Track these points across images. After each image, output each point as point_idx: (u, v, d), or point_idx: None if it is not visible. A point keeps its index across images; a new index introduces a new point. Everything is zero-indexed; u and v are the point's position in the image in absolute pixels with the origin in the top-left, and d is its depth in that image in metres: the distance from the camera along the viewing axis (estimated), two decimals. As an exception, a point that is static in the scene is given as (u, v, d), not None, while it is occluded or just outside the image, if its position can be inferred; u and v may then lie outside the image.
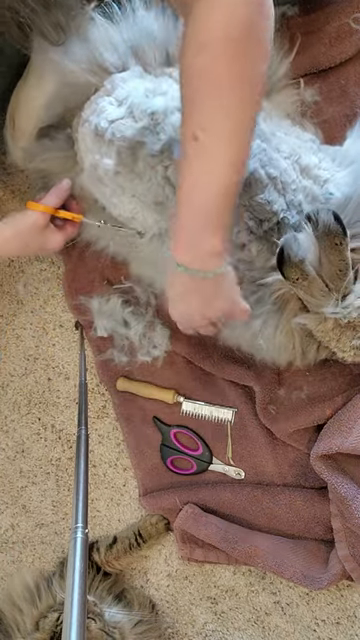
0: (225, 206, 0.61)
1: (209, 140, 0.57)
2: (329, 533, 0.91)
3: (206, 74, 0.55)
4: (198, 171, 0.59)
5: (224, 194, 0.59)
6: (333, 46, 0.85)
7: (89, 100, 0.76)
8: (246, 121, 0.57)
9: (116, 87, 0.73)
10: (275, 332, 0.76)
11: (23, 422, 1.04)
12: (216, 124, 0.56)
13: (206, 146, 0.57)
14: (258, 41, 0.54)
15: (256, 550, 0.89)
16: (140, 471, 0.99)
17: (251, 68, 0.55)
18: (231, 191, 0.60)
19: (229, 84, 0.55)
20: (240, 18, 0.52)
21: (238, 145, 0.58)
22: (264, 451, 0.94)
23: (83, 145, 0.76)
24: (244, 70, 0.55)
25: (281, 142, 0.73)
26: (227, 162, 0.58)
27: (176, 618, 0.99)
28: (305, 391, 0.91)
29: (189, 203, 0.60)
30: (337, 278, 0.69)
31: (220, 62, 0.54)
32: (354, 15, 0.84)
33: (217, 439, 0.97)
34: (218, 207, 0.60)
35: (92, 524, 1.02)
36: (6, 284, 1.03)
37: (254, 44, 0.54)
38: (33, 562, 1.04)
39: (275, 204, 0.71)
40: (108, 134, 0.71)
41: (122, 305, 0.93)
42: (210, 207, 0.60)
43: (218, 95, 0.55)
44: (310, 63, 0.86)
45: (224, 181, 0.59)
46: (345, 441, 0.84)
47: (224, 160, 0.58)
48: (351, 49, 0.85)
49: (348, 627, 0.94)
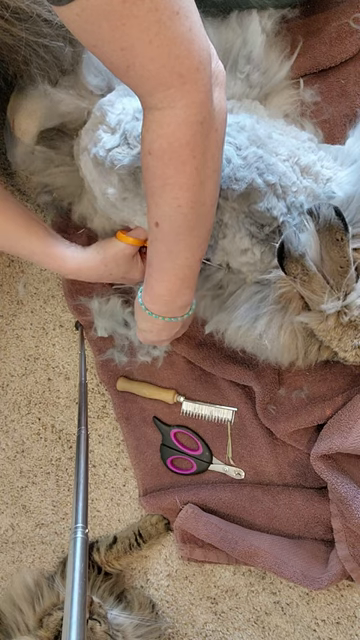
0: (191, 274, 0.68)
1: (167, 230, 0.63)
2: (329, 533, 0.91)
3: (156, 175, 0.59)
4: (163, 252, 0.65)
5: (188, 266, 0.67)
6: (333, 46, 0.85)
7: (84, 127, 0.76)
8: (200, 215, 0.62)
9: (106, 113, 0.73)
10: (279, 332, 0.76)
11: (23, 422, 1.04)
12: (170, 218, 0.61)
13: (164, 234, 0.63)
14: (205, 154, 0.58)
15: (256, 550, 0.89)
16: (140, 471, 0.99)
17: (198, 176, 0.59)
18: (195, 262, 0.67)
19: (178, 187, 0.59)
20: (186, 134, 0.56)
21: (194, 235, 0.64)
22: (264, 451, 0.94)
23: (88, 174, 0.76)
24: (191, 177, 0.58)
25: (278, 145, 0.73)
26: (186, 246, 0.64)
27: (176, 618, 0.99)
28: (305, 391, 0.92)
29: (160, 277, 0.68)
30: (338, 275, 0.68)
31: (167, 168, 0.58)
32: (354, 15, 0.84)
33: (217, 439, 0.97)
34: (185, 277, 0.68)
35: (92, 524, 1.02)
36: (6, 284, 1.03)
37: (199, 157, 0.58)
38: (33, 562, 1.04)
39: (275, 210, 0.71)
40: (107, 163, 0.72)
41: (122, 305, 0.93)
42: (178, 277, 0.67)
43: (169, 196, 0.60)
44: (310, 63, 0.86)
45: (186, 260, 0.66)
46: (345, 441, 0.84)
47: (183, 245, 0.64)
48: (351, 49, 0.85)
49: (348, 627, 0.94)
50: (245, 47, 0.75)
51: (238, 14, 0.76)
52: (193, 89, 0.54)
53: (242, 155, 0.69)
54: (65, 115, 0.77)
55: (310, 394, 0.91)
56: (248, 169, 0.69)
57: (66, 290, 0.98)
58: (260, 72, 0.76)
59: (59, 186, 0.86)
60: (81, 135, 0.77)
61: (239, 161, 0.69)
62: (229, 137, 0.70)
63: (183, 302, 0.71)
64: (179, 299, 0.71)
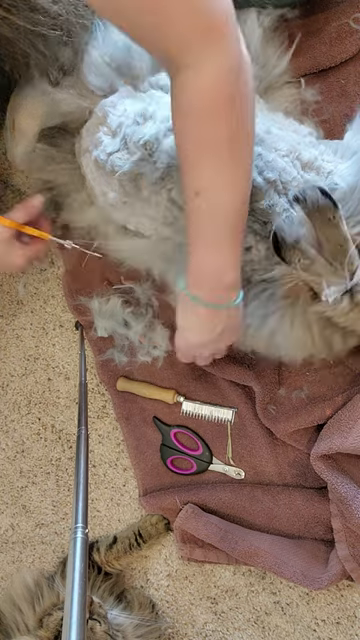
0: (236, 243, 0.64)
1: (208, 196, 0.61)
2: (329, 533, 0.91)
3: (195, 137, 0.58)
4: (205, 222, 0.63)
5: (232, 235, 0.63)
6: (333, 46, 0.85)
7: (85, 127, 0.76)
8: (240, 174, 0.61)
9: (107, 114, 0.73)
10: (291, 327, 0.74)
11: (23, 422, 1.04)
12: (211, 183, 0.60)
13: (207, 201, 0.61)
14: (241, 105, 0.57)
15: (256, 550, 0.89)
16: (140, 471, 0.99)
17: (237, 129, 0.58)
18: (239, 229, 0.64)
19: (218, 145, 0.58)
20: (223, 86, 0.55)
21: (237, 194, 0.62)
22: (264, 451, 0.94)
23: (89, 174, 0.76)
24: (231, 131, 0.58)
25: (278, 139, 0.72)
26: (229, 210, 0.62)
27: (176, 618, 0.99)
28: (305, 391, 0.92)
29: (202, 248, 0.64)
30: (339, 253, 0.66)
31: (207, 126, 0.57)
32: (354, 15, 0.84)
33: (217, 439, 0.97)
34: (230, 246, 0.64)
35: (92, 524, 1.02)
36: (6, 284, 1.03)
37: (238, 108, 0.57)
38: (33, 562, 1.04)
39: (277, 206, 0.70)
40: (108, 167, 0.72)
41: (122, 305, 0.93)
42: (223, 248, 0.64)
43: (209, 156, 0.59)
44: (310, 63, 0.86)
45: (230, 224, 0.63)
46: (345, 441, 0.84)
47: (226, 209, 0.62)
48: (351, 49, 0.85)
49: (348, 627, 0.94)
50: None
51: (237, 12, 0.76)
52: (225, 40, 0.54)
53: None
54: (66, 114, 0.77)
55: (310, 394, 0.91)
56: None
57: (66, 290, 0.98)
58: (259, 66, 0.76)
59: (60, 183, 0.85)
60: (82, 135, 0.77)
61: None
62: None
63: (231, 279, 0.67)
64: (226, 275, 0.66)
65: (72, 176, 0.82)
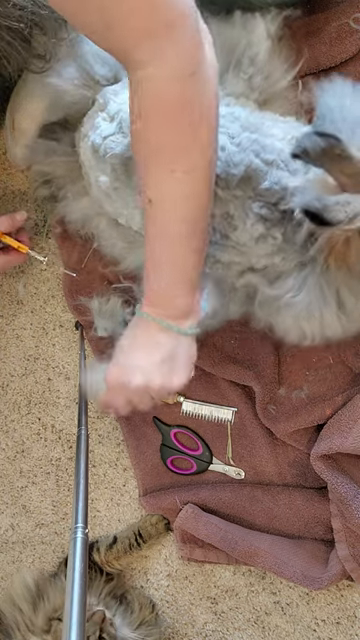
0: (190, 265, 0.61)
1: (160, 203, 0.57)
2: (329, 533, 0.91)
3: (148, 142, 0.56)
4: (157, 235, 0.59)
5: (185, 253, 0.60)
6: (333, 46, 0.85)
7: (88, 113, 0.76)
8: (199, 188, 0.58)
9: (108, 101, 0.73)
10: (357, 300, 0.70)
11: (23, 422, 1.04)
12: (164, 188, 0.57)
13: (158, 210, 0.58)
14: (200, 112, 0.55)
15: (256, 550, 0.89)
16: (140, 471, 0.99)
17: (193, 138, 0.55)
18: (194, 247, 0.60)
19: (171, 154, 0.55)
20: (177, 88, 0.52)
21: (194, 209, 0.59)
22: (264, 451, 0.94)
23: (86, 161, 0.76)
24: (185, 139, 0.55)
25: (272, 127, 0.71)
26: (183, 228, 0.58)
27: (176, 618, 0.99)
28: (305, 391, 0.91)
29: (155, 264, 0.61)
30: None
31: (160, 130, 0.55)
32: (354, 15, 0.84)
33: (217, 439, 0.97)
34: (183, 266, 0.60)
35: (92, 524, 1.02)
36: (6, 284, 1.03)
37: (195, 115, 0.54)
38: (33, 562, 1.04)
39: (283, 179, 0.68)
40: (102, 151, 0.71)
41: (122, 305, 0.93)
42: (177, 266, 0.60)
43: (162, 165, 0.56)
44: (310, 63, 0.86)
45: (183, 240, 0.59)
46: (345, 441, 0.84)
47: (179, 226, 0.58)
48: (351, 49, 0.85)
49: (348, 627, 0.94)
50: (250, 49, 0.74)
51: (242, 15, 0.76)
52: (182, 36, 0.50)
53: (236, 142, 0.68)
54: (70, 106, 0.76)
55: (310, 394, 0.91)
56: (244, 152, 0.67)
57: (66, 290, 0.98)
58: (263, 76, 0.75)
59: (58, 175, 0.85)
60: (84, 122, 0.76)
61: (233, 147, 0.67)
62: (222, 127, 0.68)
63: (183, 304, 0.62)
64: (178, 299, 0.62)
65: (71, 169, 0.82)
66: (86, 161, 0.76)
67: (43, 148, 0.81)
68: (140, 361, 0.63)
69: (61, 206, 0.86)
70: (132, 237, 0.81)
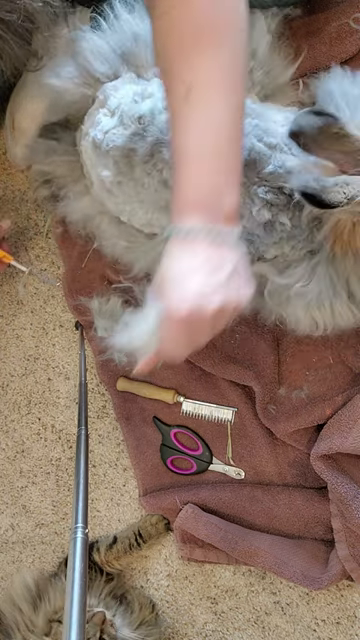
0: (236, 157, 0.54)
1: (203, 94, 0.52)
2: (329, 533, 0.91)
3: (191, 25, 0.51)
4: (199, 127, 0.52)
5: (230, 145, 0.53)
6: (333, 46, 0.85)
7: (88, 111, 0.76)
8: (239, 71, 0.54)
9: (108, 97, 0.73)
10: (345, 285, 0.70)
11: (23, 422, 1.04)
12: (208, 77, 0.52)
13: (202, 102, 0.52)
14: None
15: (256, 550, 0.89)
16: (140, 471, 0.99)
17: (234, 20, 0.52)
18: (237, 142, 0.54)
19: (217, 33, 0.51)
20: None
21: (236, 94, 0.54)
22: (264, 451, 0.94)
23: (88, 159, 0.76)
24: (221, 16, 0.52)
25: (274, 114, 0.72)
26: (226, 115, 0.53)
27: (176, 618, 0.99)
28: (305, 391, 0.91)
29: (196, 163, 0.53)
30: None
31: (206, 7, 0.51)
32: (354, 15, 0.84)
33: (217, 439, 0.97)
34: (230, 160, 0.53)
35: (92, 524, 1.02)
36: (6, 284, 1.03)
37: None
38: (33, 562, 1.04)
39: (287, 161, 0.68)
40: (104, 145, 0.71)
41: (122, 305, 0.93)
42: (221, 161, 0.53)
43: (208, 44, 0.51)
44: (310, 63, 0.86)
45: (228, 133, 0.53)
46: (345, 441, 0.84)
47: (222, 114, 0.52)
48: (351, 49, 0.85)
49: (348, 627, 0.94)
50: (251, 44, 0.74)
51: None
52: None
53: None
54: (70, 105, 0.76)
55: (310, 394, 0.91)
56: (246, 137, 0.67)
57: (66, 290, 0.98)
58: (263, 71, 0.76)
59: (59, 175, 0.85)
60: (84, 120, 0.76)
61: None
62: None
63: (230, 204, 0.54)
64: (226, 197, 0.53)
65: (72, 169, 0.82)
66: (87, 159, 0.76)
67: (43, 148, 0.81)
68: (206, 285, 0.53)
69: (62, 206, 0.86)
70: (133, 236, 0.81)
